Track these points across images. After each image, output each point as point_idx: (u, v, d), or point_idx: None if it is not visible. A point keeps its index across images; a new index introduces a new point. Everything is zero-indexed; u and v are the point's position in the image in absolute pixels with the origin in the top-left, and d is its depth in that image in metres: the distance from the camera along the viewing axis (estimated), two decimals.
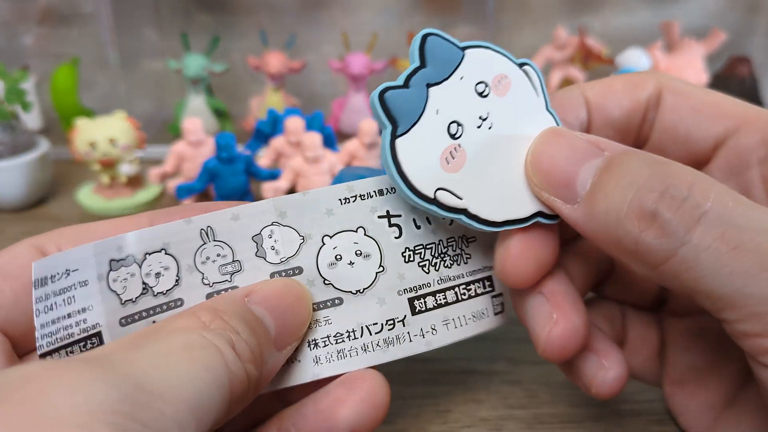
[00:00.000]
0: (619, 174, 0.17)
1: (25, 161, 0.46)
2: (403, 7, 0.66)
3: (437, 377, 0.29)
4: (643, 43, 0.60)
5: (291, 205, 0.19)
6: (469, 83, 0.19)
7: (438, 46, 0.19)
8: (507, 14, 0.67)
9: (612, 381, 0.21)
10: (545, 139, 0.19)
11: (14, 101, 0.46)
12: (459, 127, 0.19)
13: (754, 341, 0.16)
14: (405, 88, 0.18)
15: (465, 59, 0.19)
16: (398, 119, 0.18)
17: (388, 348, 0.20)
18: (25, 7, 0.63)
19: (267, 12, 0.66)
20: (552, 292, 0.20)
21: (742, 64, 0.57)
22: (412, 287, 0.20)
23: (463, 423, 0.26)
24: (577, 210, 0.18)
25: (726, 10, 0.68)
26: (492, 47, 0.20)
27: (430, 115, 0.18)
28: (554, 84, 0.62)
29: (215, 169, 0.42)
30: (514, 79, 0.20)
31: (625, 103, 0.21)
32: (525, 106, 0.20)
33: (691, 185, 0.16)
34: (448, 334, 0.21)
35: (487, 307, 0.22)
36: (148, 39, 0.66)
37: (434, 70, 0.19)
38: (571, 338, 0.20)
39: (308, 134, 0.43)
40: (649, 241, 0.16)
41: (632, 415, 0.27)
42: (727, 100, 0.21)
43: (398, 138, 0.18)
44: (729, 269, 0.15)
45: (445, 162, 0.19)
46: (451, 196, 0.19)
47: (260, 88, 0.63)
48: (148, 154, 0.54)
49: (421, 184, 0.18)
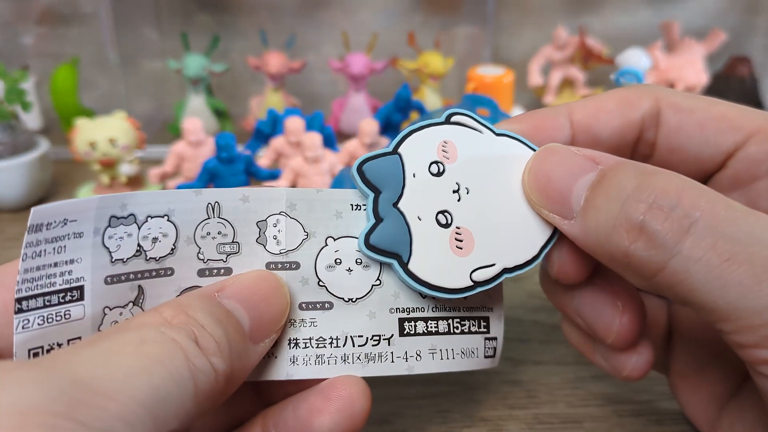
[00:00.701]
0: (608, 187, 0.17)
1: (25, 161, 0.46)
2: (403, 7, 0.66)
3: (437, 377, 0.29)
4: (643, 43, 0.60)
5: (303, 198, 0.19)
6: (422, 174, 0.19)
7: (376, 168, 0.19)
8: (507, 14, 0.67)
9: (644, 365, 0.21)
10: (541, 158, 0.19)
11: (14, 101, 0.46)
12: (445, 214, 0.19)
13: (751, 352, 0.16)
14: (380, 222, 0.19)
15: (404, 157, 0.19)
16: (396, 250, 0.19)
17: (368, 363, 0.20)
18: (25, 7, 0.63)
19: (267, 12, 0.66)
20: (606, 281, 0.20)
21: (742, 64, 0.57)
22: (405, 308, 0.20)
23: (463, 423, 0.26)
24: (574, 225, 0.18)
25: (726, 10, 0.68)
26: (414, 128, 0.20)
27: (416, 226, 0.19)
28: (554, 84, 0.62)
29: (215, 169, 0.42)
30: (453, 137, 0.20)
31: (615, 123, 0.21)
32: (478, 150, 0.20)
33: (680, 194, 0.16)
34: (432, 364, 0.21)
35: (478, 347, 0.22)
36: (148, 39, 0.66)
37: (389, 190, 0.19)
38: (640, 321, 0.20)
39: (308, 134, 0.43)
40: (639, 253, 0.16)
41: (632, 415, 0.27)
42: (732, 109, 0.20)
43: (408, 264, 0.19)
44: (722, 282, 0.15)
45: (458, 249, 0.19)
46: (485, 270, 0.19)
47: (260, 88, 0.63)
48: (148, 154, 0.54)
49: (456, 282, 0.19)
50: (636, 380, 0.21)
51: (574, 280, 0.20)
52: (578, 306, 0.21)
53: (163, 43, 0.66)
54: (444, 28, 0.66)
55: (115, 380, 0.13)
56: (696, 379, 0.23)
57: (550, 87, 0.63)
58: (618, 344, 0.20)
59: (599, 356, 0.22)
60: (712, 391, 0.22)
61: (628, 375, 0.21)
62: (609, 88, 0.62)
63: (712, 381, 0.23)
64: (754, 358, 0.16)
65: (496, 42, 0.68)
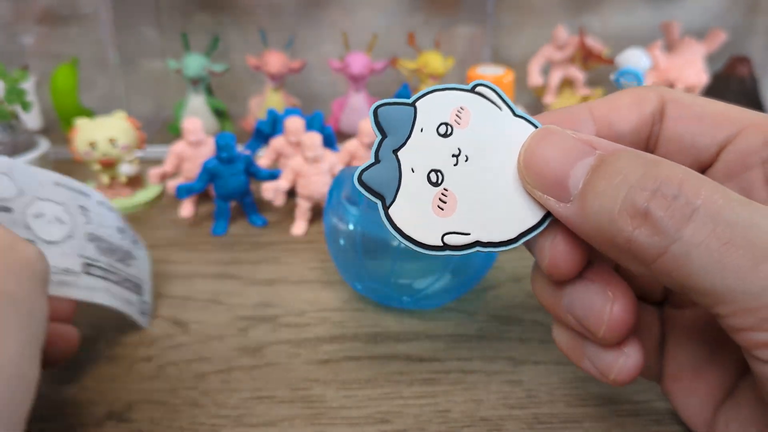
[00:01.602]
0: (611, 173, 0.17)
1: (25, 161, 0.46)
2: (403, 7, 0.66)
3: (437, 377, 0.29)
4: (643, 43, 0.60)
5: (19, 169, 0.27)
6: (429, 131, 0.20)
7: (390, 114, 0.20)
8: (507, 14, 0.67)
9: (632, 368, 0.21)
10: (538, 138, 0.19)
11: (14, 101, 0.46)
12: (437, 173, 0.20)
13: (747, 335, 0.16)
14: (377, 164, 0.20)
15: (418, 112, 0.20)
16: (382, 192, 0.20)
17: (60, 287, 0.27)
18: (25, 7, 0.63)
19: (267, 12, 0.66)
20: (596, 274, 0.20)
21: (742, 64, 0.57)
22: (88, 257, 0.29)
23: (463, 423, 0.26)
24: (570, 208, 0.18)
25: (726, 10, 0.68)
26: (439, 88, 0.21)
27: (407, 176, 0.20)
28: (554, 84, 0.62)
29: (215, 169, 0.42)
30: (471, 105, 0.20)
31: (633, 118, 0.21)
32: (491, 124, 0.20)
33: (682, 183, 0.16)
34: (103, 297, 0.29)
35: (132, 300, 0.32)
36: (148, 39, 0.66)
37: (395, 136, 0.20)
38: (633, 312, 0.20)
39: (308, 134, 0.43)
40: (641, 239, 0.16)
41: (632, 415, 0.27)
42: (729, 107, 0.21)
43: (390, 209, 0.20)
44: (721, 265, 0.16)
45: (439, 209, 0.20)
46: (458, 236, 0.20)
47: (260, 88, 0.63)
48: (148, 154, 0.54)
49: (428, 238, 0.20)
50: (623, 384, 0.21)
51: (565, 274, 0.20)
52: (569, 303, 0.21)
53: (163, 43, 0.66)
54: (444, 28, 0.66)
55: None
56: (691, 382, 0.23)
57: (550, 87, 0.63)
58: (608, 337, 0.20)
59: (588, 360, 0.22)
60: (707, 392, 0.23)
61: (615, 378, 0.21)
62: (609, 88, 0.62)
63: (707, 382, 0.23)
64: (750, 342, 0.16)
65: (496, 42, 0.68)
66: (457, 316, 0.34)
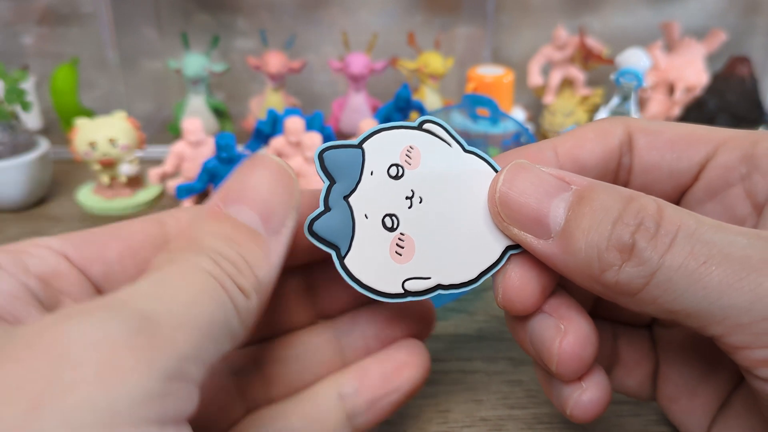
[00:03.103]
0: (593, 209, 0.18)
1: (25, 161, 0.46)
2: (403, 7, 0.66)
3: (437, 377, 0.29)
4: (643, 43, 0.60)
5: None
6: (380, 174, 0.20)
7: (336, 158, 0.19)
8: (507, 14, 0.67)
9: (587, 403, 0.20)
10: (512, 175, 0.19)
11: (14, 101, 0.46)
12: (392, 218, 0.19)
13: (745, 354, 0.16)
14: (327, 211, 0.19)
15: (366, 154, 0.20)
16: (336, 242, 0.19)
17: None
18: (25, 7, 0.63)
19: (267, 12, 0.66)
20: (553, 307, 0.20)
21: (742, 64, 0.57)
22: None
23: (463, 423, 0.26)
24: (552, 245, 0.18)
25: (726, 10, 0.68)
26: (385, 126, 0.20)
27: (361, 223, 0.19)
28: (554, 84, 0.62)
29: (215, 169, 0.42)
30: (420, 144, 0.20)
31: (598, 151, 0.21)
32: (442, 162, 0.20)
33: (661, 214, 0.17)
34: None
35: None
36: (148, 39, 0.66)
37: (344, 182, 0.19)
38: (585, 346, 0.19)
39: (308, 134, 0.43)
40: (629, 270, 0.17)
41: (632, 415, 0.27)
42: (697, 127, 0.21)
43: (345, 259, 0.19)
44: (702, 283, 0.16)
45: (397, 255, 0.19)
46: (419, 281, 0.19)
47: (260, 88, 0.63)
48: (148, 154, 0.54)
49: (388, 287, 0.19)
50: (581, 421, 0.20)
51: (520, 310, 0.20)
52: (530, 336, 0.21)
53: (163, 43, 0.66)
54: (444, 28, 0.66)
55: (175, 313, 0.14)
56: (688, 401, 0.23)
57: (550, 87, 0.63)
58: (561, 371, 0.20)
59: (553, 393, 0.21)
60: (703, 408, 0.23)
61: (570, 413, 0.20)
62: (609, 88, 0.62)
63: (702, 399, 0.23)
64: (749, 361, 0.16)
65: (496, 42, 0.68)
66: (457, 316, 0.34)
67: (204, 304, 0.15)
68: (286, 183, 0.18)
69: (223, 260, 0.16)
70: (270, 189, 0.18)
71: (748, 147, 0.20)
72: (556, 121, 0.62)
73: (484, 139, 0.39)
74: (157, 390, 0.13)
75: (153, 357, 0.13)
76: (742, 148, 0.20)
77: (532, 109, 0.67)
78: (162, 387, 0.13)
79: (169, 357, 0.13)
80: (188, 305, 0.15)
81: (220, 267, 0.16)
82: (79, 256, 0.17)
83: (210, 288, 0.15)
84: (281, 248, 0.18)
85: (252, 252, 0.17)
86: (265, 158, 0.18)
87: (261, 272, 0.17)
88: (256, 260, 0.17)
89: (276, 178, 0.18)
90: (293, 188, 0.18)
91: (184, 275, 0.15)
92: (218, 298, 0.15)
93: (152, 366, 0.13)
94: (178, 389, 0.13)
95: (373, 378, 0.22)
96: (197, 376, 0.14)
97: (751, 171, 0.20)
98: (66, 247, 0.17)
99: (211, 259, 0.16)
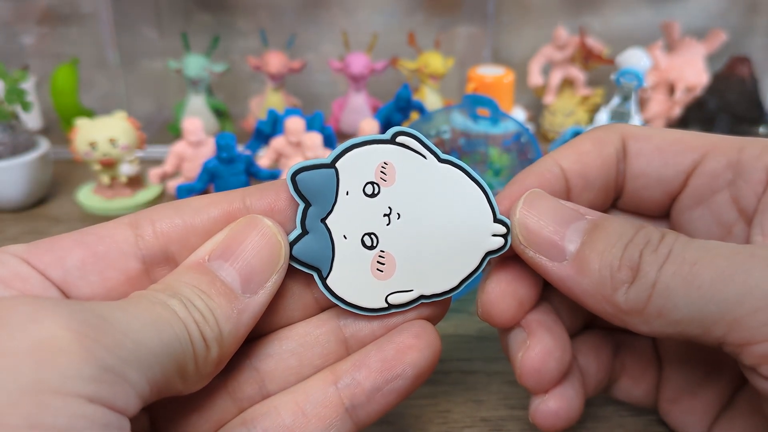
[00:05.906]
0: (608, 234, 0.19)
1: (25, 161, 0.46)
2: (403, 7, 0.66)
3: (437, 377, 0.29)
4: (643, 43, 0.60)
5: None
6: (356, 193, 0.19)
7: (310, 180, 0.19)
8: (507, 14, 0.67)
9: (545, 412, 0.21)
10: (532, 202, 0.20)
11: (14, 101, 0.46)
12: (371, 236, 0.20)
13: (748, 351, 0.16)
14: (306, 235, 0.19)
15: (340, 173, 0.19)
16: (317, 264, 0.19)
17: None
18: (25, 7, 0.63)
19: (267, 12, 0.66)
20: (528, 321, 0.21)
21: (742, 64, 0.57)
22: None
23: (464, 423, 0.26)
24: (566, 267, 0.19)
25: (726, 10, 0.68)
26: (357, 142, 0.19)
27: (340, 244, 0.19)
28: (554, 84, 0.62)
29: (215, 169, 0.42)
30: (394, 159, 0.20)
31: (597, 162, 0.22)
32: (418, 176, 0.20)
33: (664, 237, 0.18)
34: None
35: None
36: (148, 39, 0.66)
37: (320, 204, 0.19)
38: (545, 361, 0.20)
39: (308, 134, 0.43)
40: (635, 286, 0.18)
41: (632, 415, 0.27)
42: (687, 134, 0.22)
43: (327, 279, 0.19)
44: (696, 283, 0.17)
45: (378, 272, 0.20)
46: (401, 294, 0.20)
47: (260, 88, 0.63)
48: (148, 154, 0.54)
49: (372, 303, 0.20)
50: (543, 429, 0.21)
51: (498, 324, 0.21)
52: (504, 345, 0.22)
53: (163, 43, 0.66)
54: (444, 28, 0.66)
55: (131, 326, 0.15)
56: (689, 402, 0.23)
57: (550, 87, 0.63)
58: (523, 383, 0.21)
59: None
60: (704, 410, 0.23)
61: (531, 419, 0.22)
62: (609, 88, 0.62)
63: (704, 401, 0.23)
64: (753, 359, 0.16)
65: (496, 42, 0.68)
66: (457, 316, 0.34)
67: (163, 331, 0.16)
68: (273, 248, 0.19)
69: (194, 308, 0.17)
70: (256, 252, 0.19)
71: (733, 154, 0.21)
72: (557, 121, 0.62)
73: (484, 139, 0.39)
74: (89, 373, 0.13)
75: (94, 347, 0.14)
76: (728, 154, 0.21)
77: (533, 109, 0.67)
78: (96, 373, 0.13)
79: (111, 353, 0.14)
80: (147, 325, 0.15)
81: (189, 312, 0.17)
82: (38, 261, 0.18)
83: (174, 323, 0.16)
84: (256, 308, 0.19)
85: (222, 308, 0.18)
86: (259, 222, 0.19)
87: (227, 328, 0.18)
88: (224, 316, 0.18)
89: (265, 242, 0.19)
90: (280, 254, 0.19)
91: (153, 306, 0.16)
92: (179, 334, 0.16)
93: (90, 353, 0.13)
94: (113, 381, 0.14)
95: (372, 365, 0.20)
96: (138, 385, 0.14)
97: (736, 177, 0.21)
98: (28, 253, 0.18)
99: (182, 303, 0.17)
